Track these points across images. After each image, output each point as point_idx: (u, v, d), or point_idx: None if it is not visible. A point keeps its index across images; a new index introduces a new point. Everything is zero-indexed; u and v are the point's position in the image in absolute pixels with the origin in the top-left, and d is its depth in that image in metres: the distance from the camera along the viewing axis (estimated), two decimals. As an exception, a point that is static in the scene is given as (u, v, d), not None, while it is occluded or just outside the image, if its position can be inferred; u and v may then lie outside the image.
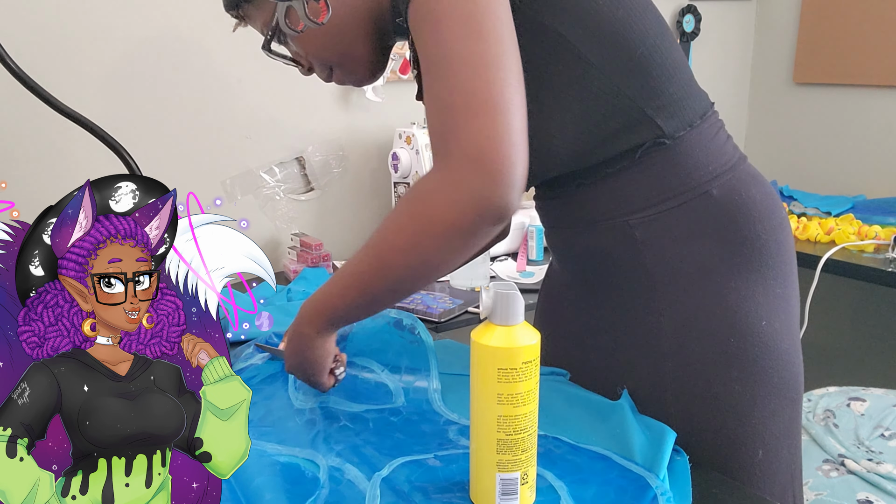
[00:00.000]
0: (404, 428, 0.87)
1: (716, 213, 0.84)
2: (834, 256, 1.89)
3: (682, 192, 0.84)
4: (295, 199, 1.88)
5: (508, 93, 0.68)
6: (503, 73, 0.68)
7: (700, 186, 0.84)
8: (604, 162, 0.85)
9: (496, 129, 0.66)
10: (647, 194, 0.84)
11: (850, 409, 1.53)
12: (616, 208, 0.86)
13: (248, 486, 0.73)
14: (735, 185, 0.85)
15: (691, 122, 0.85)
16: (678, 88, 0.84)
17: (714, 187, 0.84)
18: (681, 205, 0.84)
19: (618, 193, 0.85)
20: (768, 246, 0.86)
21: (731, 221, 0.84)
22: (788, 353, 0.87)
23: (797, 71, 2.57)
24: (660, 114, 0.83)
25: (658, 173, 0.84)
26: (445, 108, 0.69)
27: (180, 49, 1.66)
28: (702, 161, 0.84)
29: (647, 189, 0.84)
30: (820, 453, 1.42)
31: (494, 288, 0.68)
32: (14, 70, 1.06)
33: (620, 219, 0.86)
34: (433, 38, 0.70)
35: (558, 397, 0.91)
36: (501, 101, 0.67)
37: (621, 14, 0.80)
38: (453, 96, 0.68)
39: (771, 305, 0.85)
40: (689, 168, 0.84)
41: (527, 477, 0.70)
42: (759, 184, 0.88)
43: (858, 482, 1.31)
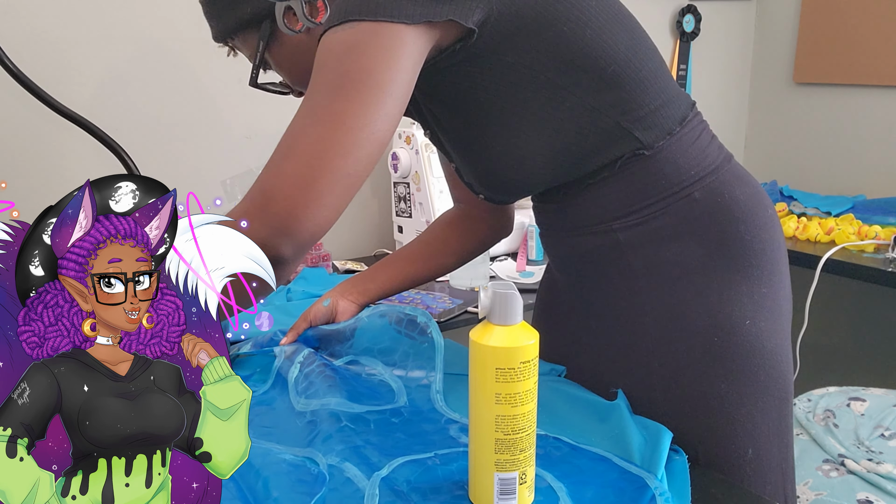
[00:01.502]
0: (405, 428, 0.87)
1: (698, 214, 0.86)
2: (834, 256, 1.89)
3: (664, 198, 0.86)
4: (295, 199, 1.88)
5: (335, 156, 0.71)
6: (343, 134, 0.70)
7: (682, 191, 0.86)
8: (587, 174, 0.87)
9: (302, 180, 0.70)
10: (629, 201, 0.87)
11: (850, 409, 1.53)
12: (600, 215, 0.89)
13: (255, 484, 0.73)
14: (717, 187, 0.87)
15: (670, 131, 0.86)
16: (654, 98, 0.85)
17: (696, 190, 0.86)
18: (663, 209, 0.86)
19: (601, 201, 0.88)
20: (752, 246, 0.87)
21: (714, 223, 0.86)
22: (775, 353, 0.87)
23: (797, 71, 2.57)
24: (636, 126, 0.84)
25: (639, 181, 0.86)
26: (281, 146, 0.75)
27: (180, 49, 1.66)
28: (682, 166, 0.86)
29: (628, 196, 0.87)
30: (820, 453, 1.42)
31: (493, 288, 0.68)
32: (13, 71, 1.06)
33: (605, 224, 0.88)
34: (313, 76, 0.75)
35: (558, 397, 0.92)
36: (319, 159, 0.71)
37: (588, 35, 0.81)
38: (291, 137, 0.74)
39: (756, 305, 0.86)
40: (669, 174, 0.86)
41: (525, 477, 0.70)
42: (743, 184, 0.89)
43: (858, 482, 1.31)
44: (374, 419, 0.89)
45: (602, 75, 0.82)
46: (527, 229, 1.85)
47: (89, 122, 1.12)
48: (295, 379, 0.97)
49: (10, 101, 1.46)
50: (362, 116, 0.71)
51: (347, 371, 1.01)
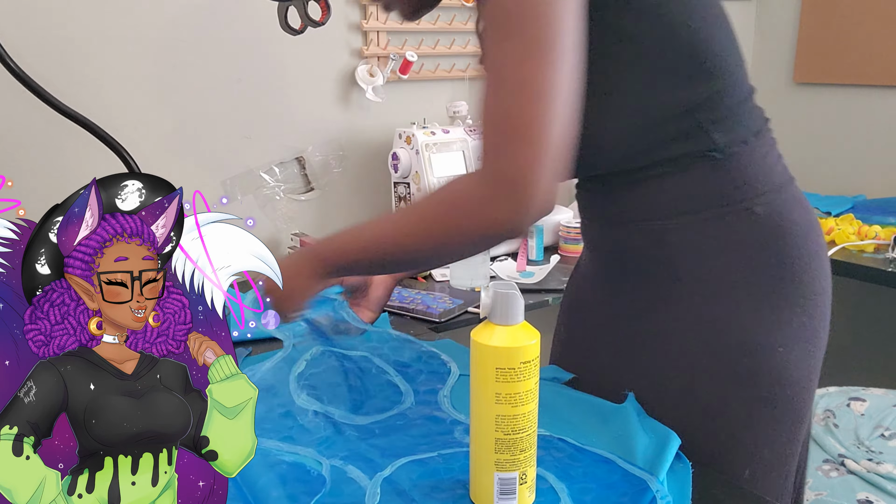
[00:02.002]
0: (410, 429, 0.87)
1: (755, 230, 0.84)
2: (834, 256, 1.90)
3: (724, 206, 0.84)
4: (295, 199, 1.88)
5: (551, 125, 0.72)
6: (552, 104, 0.71)
7: (744, 202, 0.84)
8: (650, 164, 0.85)
9: (532, 160, 0.72)
10: (687, 202, 0.84)
11: (850, 409, 1.54)
12: (654, 211, 0.86)
13: (255, 485, 0.73)
14: (779, 207, 0.85)
15: (745, 139, 0.84)
16: (737, 104, 0.84)
17: (757, 205, 0.84)
18: (720, 217, 0.84)
19: (660, 197, 0.85)
20: (803, 272, 0.85)
21: (769, 241, 0.84)
22: (800, 383, 0.86)
23: (797, 71, 2.57)
24: (716, 127, 0.82)
25: (703, 183, 0.83)
26: (495, 126, 0.74)
27: (180, 49, 1.66)
28: (750, 178, 0.84)
29: (688, 197, 0.84)
30: (820, 453, 1.42)
31: (494, 288, 0.68)
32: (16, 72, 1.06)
33: (657, 221, 0.86)
34: (499, 48, 0.74)
35: (563, 399, 0.92)
36: (542, 133, 0.71)
37: (694, 25, 0.80)
38: (503, 118, 0.73)
39: (793, 333, 0.84)
40: (735, 183, 0.83)
41: (525, 477, 0.70)
42: (802, 208, 0.87)
43: (858, 482, 1.31)
44: (379, 427, 0.88)
45: (700, 67, 0.81)
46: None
47: (91, 122, 1.12)
48: (299, 374, 0.97)
49: (13, 101, 1.46)
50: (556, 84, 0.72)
51: (356, 365, 1.01)
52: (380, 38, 1.90)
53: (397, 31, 1.94)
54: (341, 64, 1.89)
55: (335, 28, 1.85)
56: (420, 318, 1.40)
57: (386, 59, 1.91)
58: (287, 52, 1.78)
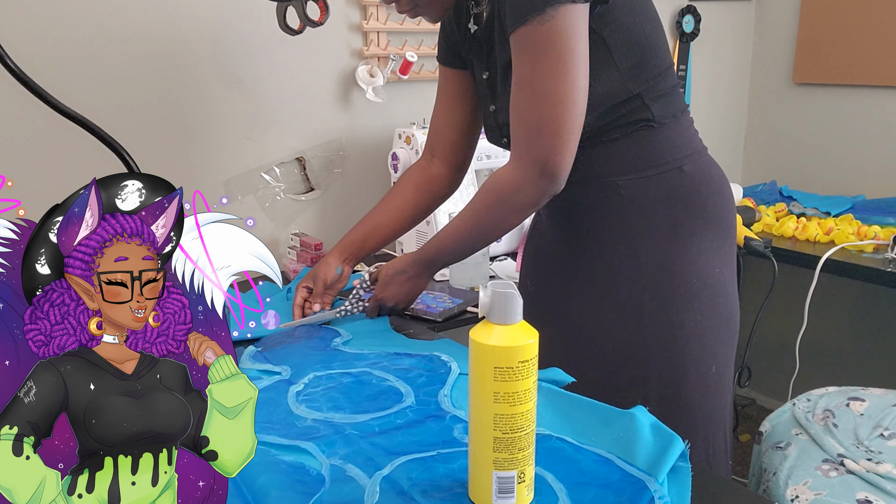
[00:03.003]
0: (410, 428, 0.87)
1: (686, 184, 1.08)
2: (833, 256, 1.90)
3: (661, 164, 1.08)
4: (295, 199, 1.88)
5: (572, 123, 0.99)
6: (572, 106, 0.97)
7: (675, 161, 1.08)
8: (603, 131, 1.06)
9: (560, 149, 0.99)
10: (633, 162, 1.07)
11: (849, 409, 1.53)
12: (607, 170, 1.08)
13: (254, 485, 0.73)
14: (700, 166, 1.10)
15: (674, 114, 1.09)
16: (669, 89, 1.08)
17: (685, 164, 1.09)
18: (659, 174, 1.07)
19: (611, 158, 1.08)
20: (722, 214, 1.11)
21: (697, 192, 1.09)
22: (733, 296, 1.14)
23: (797, 71, 2.57)
24: (654, 104, 1.06)
25: (644, 147, 1.07)
26: (529, 124, 1.01)
27: (180, 49, 1.66)
28: (678, 143, 1.09)
29: (634, 158, 1.07)
30: (819, 453, 1.42)
31: (493, 287, 0.68)
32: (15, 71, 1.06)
33: (610, 178, 1.08)
34: (530, 67, 0.98)
35: (563, 399, 0.92)
36: (566, 129, 0.99)
37: (648, 30, 1.04)
38: (536, 119, 0.99)
39: (722, 258, 1.11)
40: (668, 147, 1.08)
41: (524, 476, 0.70)
42: (716, 167, 1.14)
43: (858, 482, 1.31)
44: (379, 424, 0.88)
45: (649, 63, 1.05)
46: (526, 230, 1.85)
47: (91, 122, 1.12)
48: (297, 392, 0.97)
49: (13, 101, 1.46)
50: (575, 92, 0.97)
51: (356, 379, 1.01)
52: (380, 38, 1.91)
53: (397, 32, 1.94)
54: (341, 64, 1.89)
55: (335, 28, 1.85)
56: (420, 318, 1.40)
57: (386, 60, 1.91)
58: (287, 53, 1.78)
